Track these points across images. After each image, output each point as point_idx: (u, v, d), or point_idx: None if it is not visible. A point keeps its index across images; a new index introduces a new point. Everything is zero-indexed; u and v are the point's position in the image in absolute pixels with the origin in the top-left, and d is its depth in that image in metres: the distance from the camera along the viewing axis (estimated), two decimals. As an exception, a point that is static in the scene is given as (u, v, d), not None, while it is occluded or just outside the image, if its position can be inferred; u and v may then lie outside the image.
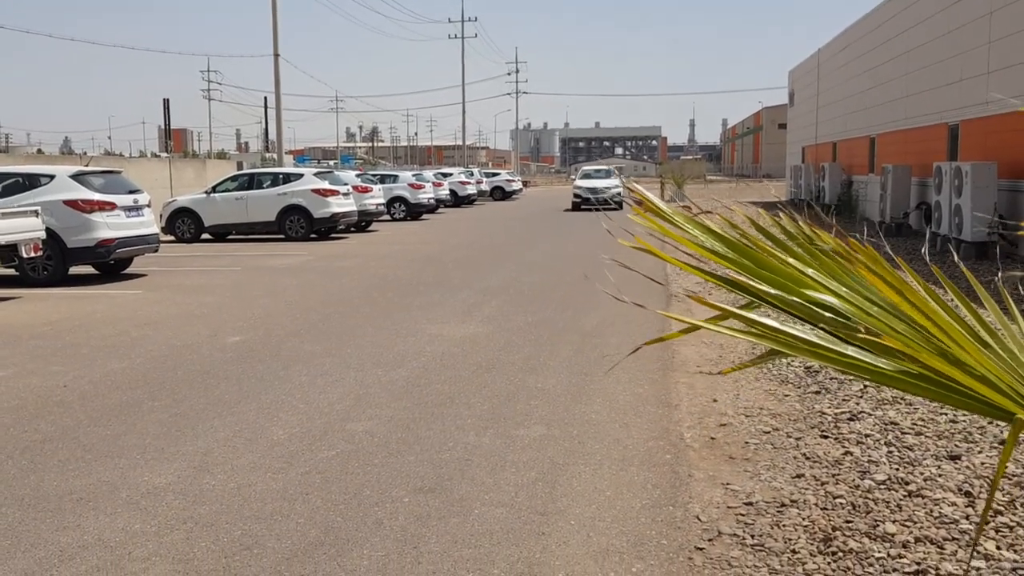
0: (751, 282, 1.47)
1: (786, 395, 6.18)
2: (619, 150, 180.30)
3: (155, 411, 6.00)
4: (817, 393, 6.17)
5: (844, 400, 5.92)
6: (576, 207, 33.96)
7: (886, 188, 19.30)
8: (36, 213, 11.65)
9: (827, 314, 1.44)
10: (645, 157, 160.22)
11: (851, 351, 1.38)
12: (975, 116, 16.22)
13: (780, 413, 5.73)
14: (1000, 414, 1.34)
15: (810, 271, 1.51)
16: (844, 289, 1.49)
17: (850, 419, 5.48)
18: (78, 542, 3.89)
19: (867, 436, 5.10)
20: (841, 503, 4.10)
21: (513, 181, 51.53)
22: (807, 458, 4.80)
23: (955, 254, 2.93)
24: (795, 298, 1.46)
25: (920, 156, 19.17)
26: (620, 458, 4.92)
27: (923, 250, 14.66)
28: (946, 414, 5.42)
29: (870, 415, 5.52)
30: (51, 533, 3.99)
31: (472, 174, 45.30)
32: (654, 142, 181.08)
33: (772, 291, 1.45)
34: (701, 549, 3.68)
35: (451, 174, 41.13)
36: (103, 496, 4.44)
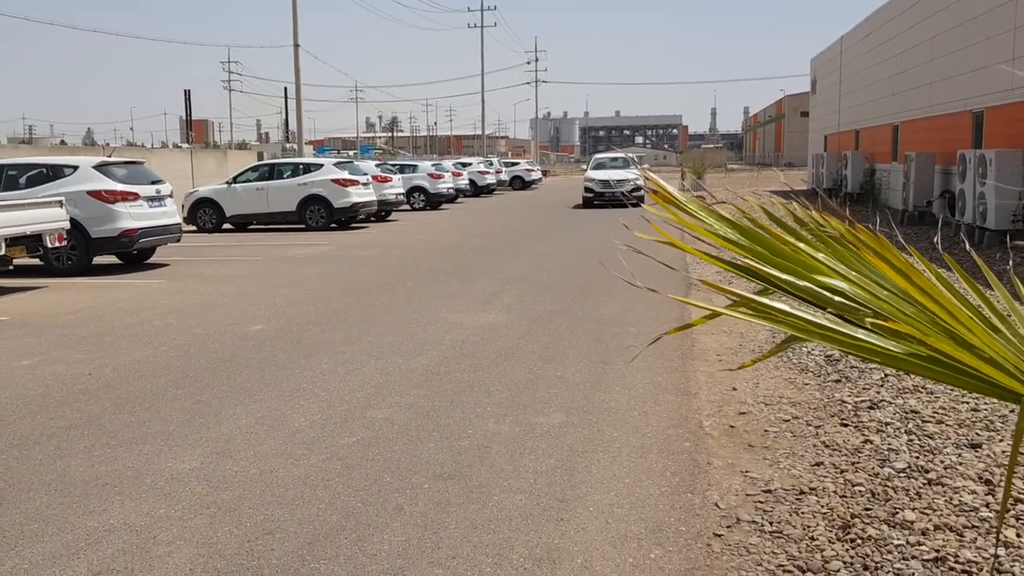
0: (764, 268, 1.48)
1: (806, 384, 6.17)
2: (639, 139, 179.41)
3: (178, 398, 6.07)
4: (837, 382, 6.15)
5: (864, 388, 5.90)
6: (588, 203, 28.43)
7: (909, 176, 19.12)
8: (60, 203, 11.78)
9: (837, 299, 1.45)
10: (666, 146, 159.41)
11: (861, 334, 1.39)
12: (1000, 103, 16.02)
13: (800, 401, 5.71)
14: (1009, 395, 1.34)
15: (820, 256, 1.52)
16: (854, 274, 1.50)
17: (870, 407, 5.46)
18: (104, 526, 3.96)
19: (887, 424, 5.09)
20: (860, 491, 4.10)
21: (532, 171, 51.47)
22: (826, 446, 4.79)
23: (967, 242, 2.91)
24: (806, 283, 1.47)
25: (944, 144, 18.97)
26: (639, 446, 4.93)
27: (935, 239, 14.55)
28: (968, 402, 5.39)
29: (890, 403, 5.49)
30: (77, 517, 4.06)
31: (491, 164, 45.27)
32: (675, 131, 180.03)
33: (784, 276, 1.46)
34: (719, 536, 3.70)
35: (470, 164, 41.11)
36: (128, 481, 4.50)
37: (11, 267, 11.78)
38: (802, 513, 3.88)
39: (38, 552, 3.71)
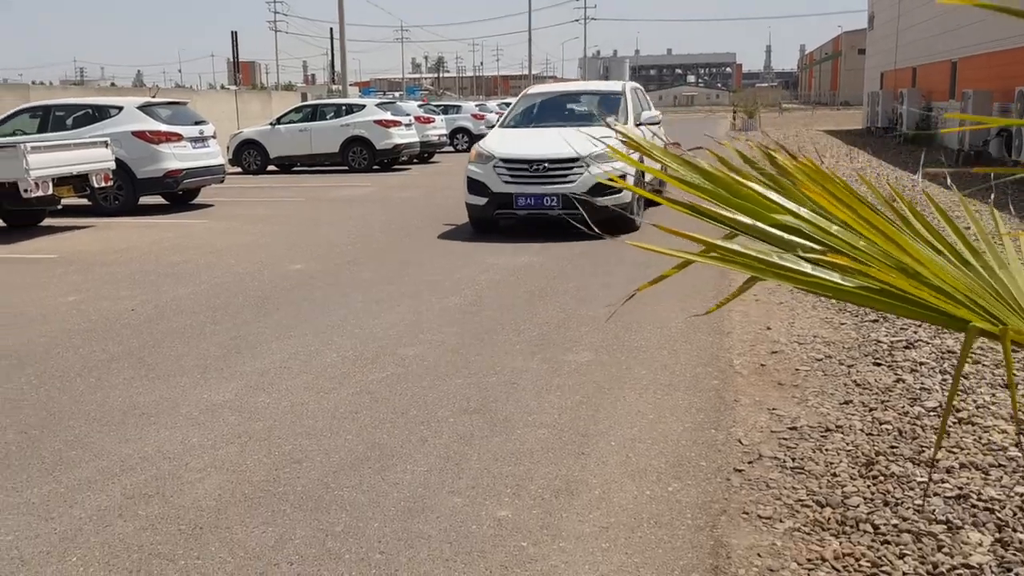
0: (723, 211, 1.46)
1: (842, 323, 6.08)
2: (691, 78, 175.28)
3: (216, 334, 6.20)
4: (875, 321, 6.05)
5: (902, 328, 5.80)
6: (480, 225, 10.63)
7: (966, 114, 18.49)
8: (106, 144, 11.95)
9: (788, 236, 1.43)
10: (719, 85, 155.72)
11: (810, 270, 1.37)
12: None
13: (834, 341, 5.64)
14: (956, 323, 1.32)
15: (772, 195, 1.49)
16: (805, 211, 1.47)
17: (906, 347, 5.37)
18: (139, 453, 4.09)
19: (922, 364, 5.00)
20: (888, 429, 4.05)
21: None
22: (857, 385, 4.73)
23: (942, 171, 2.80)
24: (760, 223, 1.44)
25: (1003, 81, 18.27)
26: (666, 383, 4.92)
27: (919, 173, 14.34)
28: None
29: (927, 343, 5.40)
30: (114, 445, 4.20)
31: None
32: (728, 69, 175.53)
33: (742, 219, 1.45)
34: (740, 471, 3.69)
35: (515, 104, 40.67)
36: (164, 412, 4.63)
37: (59, 206, 12.04)
38: (826, 450, 3.85)
39: (75, 477, 3.84)
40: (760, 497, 3.44)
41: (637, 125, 10.95)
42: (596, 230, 2.06)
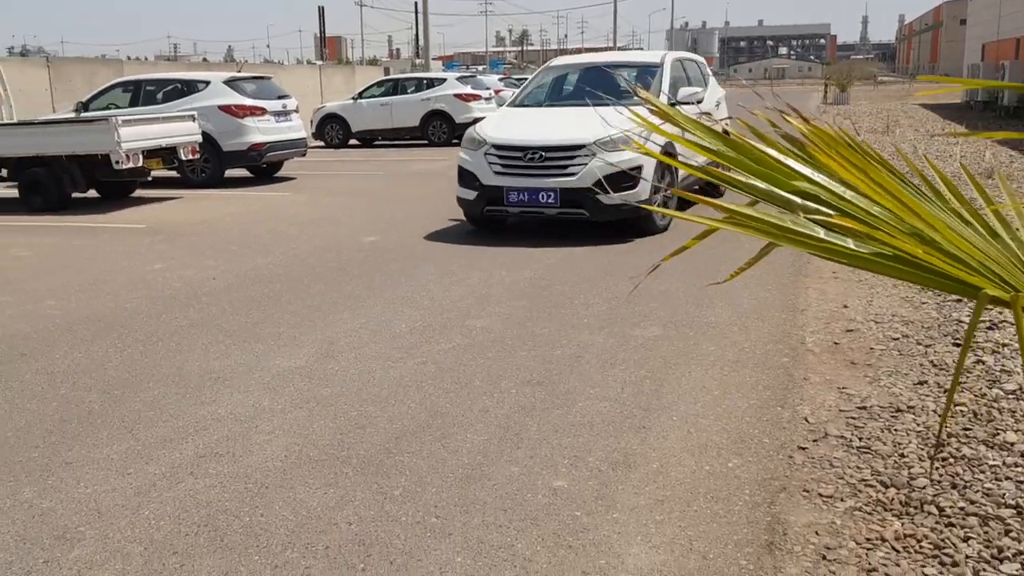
0: (742, 178, 1.43)
1: (923, 303, 5.87)
2: (783, 50, 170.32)
3: (291, 303, 6.36)
4: (958, 301, 5.82)
5: (986, 309, 5.57)
6: (477, 220, 8.96)
7: (1072, 86, 17.53)
8: (193, 118, 12.32)
9: (812, 204, 1.38)
10: (812, 57, 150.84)
11: (823, 234, 1.33)
12: None
13: (913, 320, 5.46)
14: (969, 291, 1.26)
15: (789, 161, 1.45)
16: (821, 177, 1.42)
17: (989, 328, 5.16)
18: (212, 415, 4.24)
19: (1004, 346, 4.80)
20: (962, 411, 3.91)
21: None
22: (934, 365, 4.57)
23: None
24: (781, 190, 1.41)
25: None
26: (734, 360, 4.84)
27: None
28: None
29: (1011, 324, 5.17)
30: (189, 407, 4.36)
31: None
32: (822, 41, 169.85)
33: (762, 186, 1.41)
34: (804, 449, 3.62)
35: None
36: (238, 376, 4.78)
37: (149, 178, 12.48)
38: (895, 431, 3.75)
39: (151, 435, 4.01)
40: (822, 475, 3.37)
41: (672, 104, 9.27)
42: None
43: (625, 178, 8.12)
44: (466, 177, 8.56)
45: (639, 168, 8.14)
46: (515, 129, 8.65)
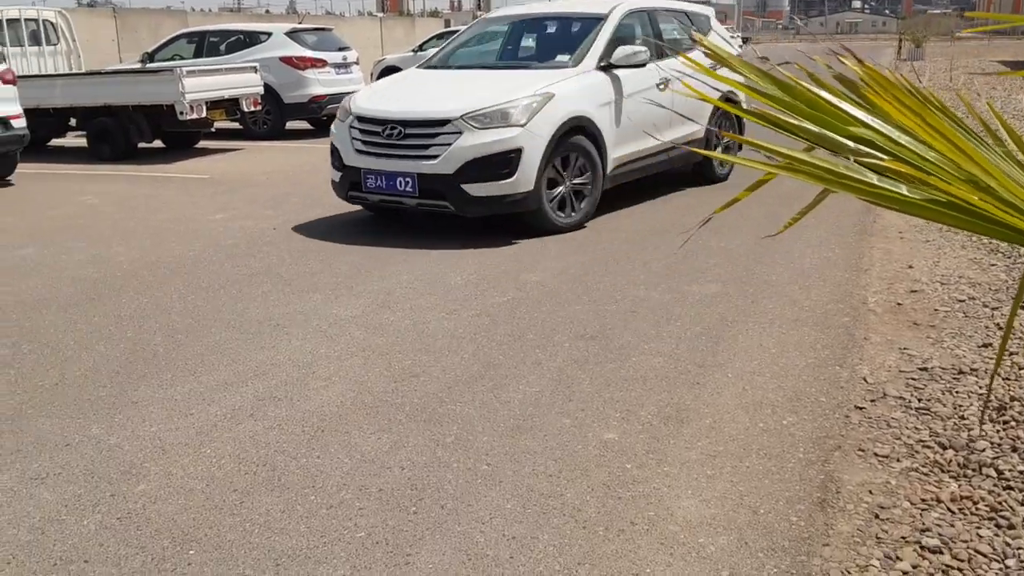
0: (794, 121, 1.39)
1: (992, 264, 5.70)
2: (856, 3, 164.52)
3: (349, 254, 6.42)
4: (1029, 263, 5.64)
5: (1058, 271, 5.38)
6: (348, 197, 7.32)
7: None
8: (255, 69, 12.42)
9: (866, 149, 1.34)
10: (887, 12, 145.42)
11: (875, 180, 1.28)
12: None
13: (981, 282, 5.30)
14: (1021, 238, 1.21)
15: (844, 105, 1.39)
16: (876, 121, 1.37)
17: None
18: (271, 360, 4.33)
19: (1076, 309, 4.64)
20: (1029, 375, 3.80)
21: (733, 37, 48.80)
22: (1000, 328, 4.44)
23: None
24: (835, 134, 1.36)
25: None
26: (793, 318, 4.77)
27: None
28: None
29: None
30: (249, 352, 4.46)
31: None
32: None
33: (815, 130, 1.37)
34: (861, 408, 3.56)
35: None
36: (296, 324, 4.87)
37: (212, 129, 12.67)
38: (956, 392, 3.66)
39: (213, 379, 4.12)
40: (879, 435, 3.31)
41: (603, 68, 7.28)
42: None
43: (500, 163, 6.45)
44: (334, 154, 7.26)
45: (518, 152, 6.46)
46: (387, 98, 7.23)
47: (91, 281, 5.89)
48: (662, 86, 7.76)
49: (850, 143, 1.38)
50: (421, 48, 21.62)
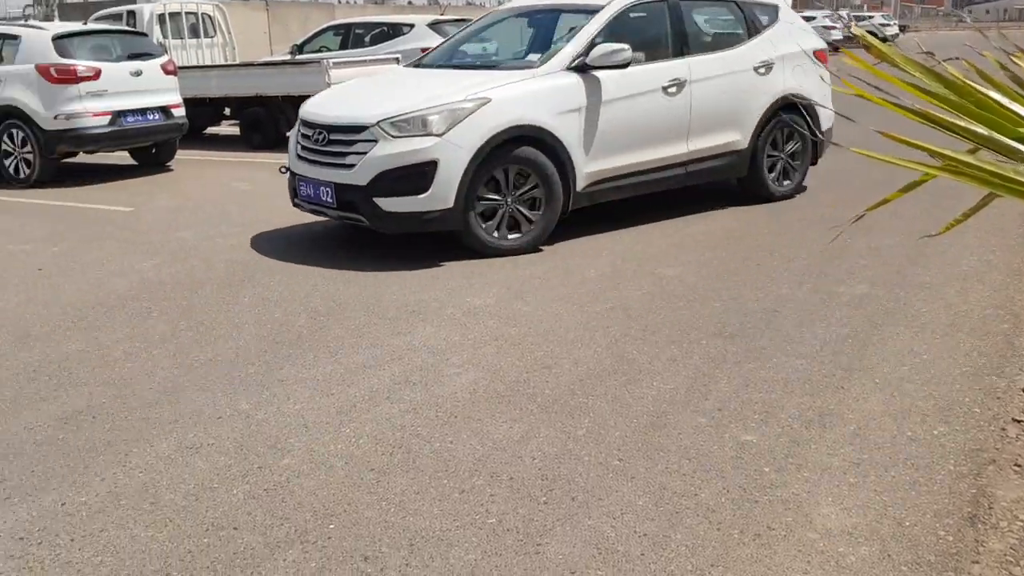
0: (961, 122, 1.28)
1: None
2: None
3: (485, 243, 6.49)
4: None
5: None
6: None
7: None
8: (397, 60, 12.71)
9: None
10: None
11: None
12: None
13: None
14: None
15: (1015, 105, 1.27)
16: None
17: None
18: (407, 345, 4.43)
19: None
20: None
21: (888, 25, 46.55)
22: None
23: None
24: (1004, 137, 1.24)
25: None
26: (948, 323, 4.50)
27: None
28: None
29: None
30: (387, 337, 4.58)
31: (840, 17, 41.55)
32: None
33: (983, 131, 1.25)
34: (1019, 421, 3.33)
35: (814, 17, 38.01)
36: (432, 311, 4.96)
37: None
38: None
39: (352, 360, 4.25)
40: (1042, 453, 3.08)
41: (580, 69, 6.35)
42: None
43: (414, 176, 5.79)
44: (290, 157, 6.81)
45: (432, 164, 5.77)
46: (335, 99, 6.84)
47: (242, 263, 6.18)
48: (673, 89, 6.77)
49: (1021, 146, 1.27)
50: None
